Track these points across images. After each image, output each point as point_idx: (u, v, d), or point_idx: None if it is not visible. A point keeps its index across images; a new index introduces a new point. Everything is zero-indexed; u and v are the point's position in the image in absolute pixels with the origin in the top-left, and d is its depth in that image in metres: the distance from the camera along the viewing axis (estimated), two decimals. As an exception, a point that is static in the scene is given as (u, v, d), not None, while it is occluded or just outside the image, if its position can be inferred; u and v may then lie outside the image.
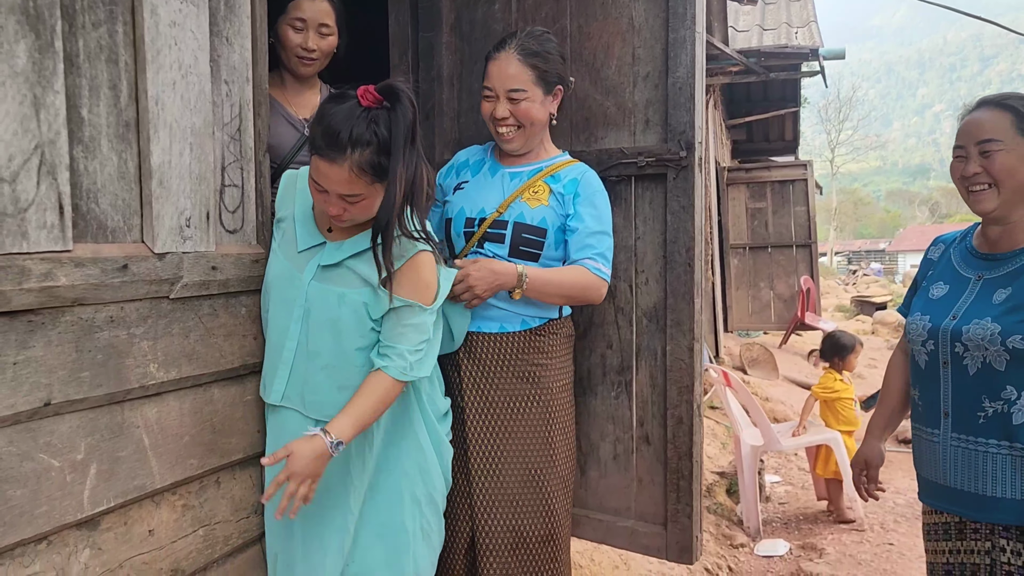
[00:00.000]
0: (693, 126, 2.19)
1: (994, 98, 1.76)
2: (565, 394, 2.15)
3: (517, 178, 2.12)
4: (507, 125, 2.05)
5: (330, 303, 1.70)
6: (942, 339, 1.78)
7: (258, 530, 1.84)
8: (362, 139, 1.53)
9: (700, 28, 2.19)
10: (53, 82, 1.28)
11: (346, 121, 1.53)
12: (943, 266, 1.92)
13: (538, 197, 2.06)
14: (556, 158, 2.15)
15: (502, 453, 2.06)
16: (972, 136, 1.74)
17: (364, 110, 1.55)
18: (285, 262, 1.75)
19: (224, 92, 1.68)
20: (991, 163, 1.70)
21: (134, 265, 1.44)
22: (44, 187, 1.27)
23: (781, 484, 5.26)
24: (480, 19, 2.57)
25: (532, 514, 2.05)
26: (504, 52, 2.02)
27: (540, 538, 2.06)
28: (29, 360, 1.27)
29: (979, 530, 1.75)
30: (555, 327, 2.13)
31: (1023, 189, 1.70)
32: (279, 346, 1.74)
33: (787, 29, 8.31)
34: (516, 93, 2.01)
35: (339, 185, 1.57)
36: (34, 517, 1.30)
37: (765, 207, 10.37)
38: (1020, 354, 1.64)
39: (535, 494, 2.06)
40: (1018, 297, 1.68)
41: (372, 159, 1.55)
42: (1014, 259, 1.74)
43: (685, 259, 2.22)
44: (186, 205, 1.56)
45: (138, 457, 1.50)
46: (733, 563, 3.91)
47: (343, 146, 1.53)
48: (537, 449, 2.06)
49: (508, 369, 2.07)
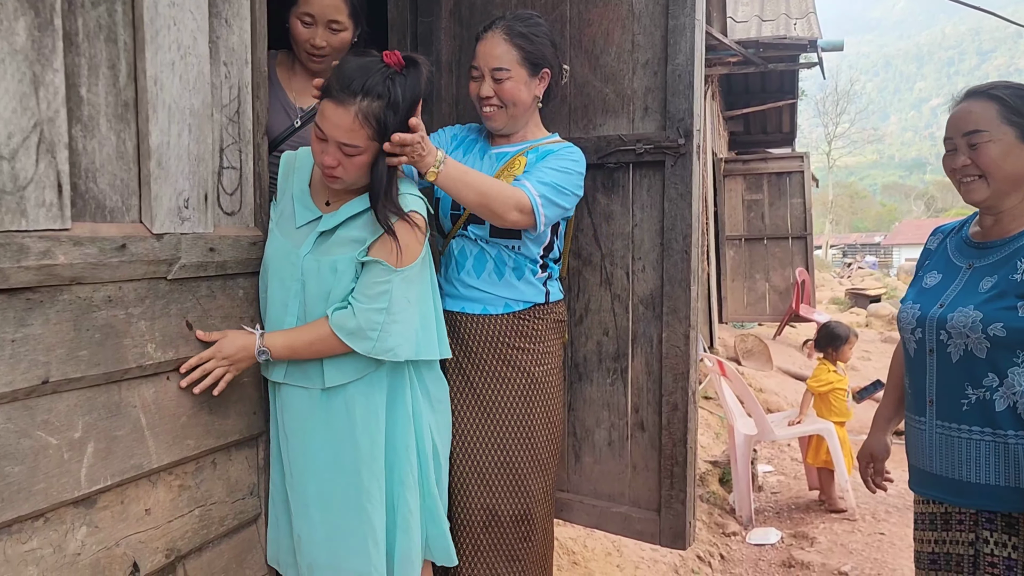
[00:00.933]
0: (692, 114, 2.19)
1: (981, 88, 1.76)
2: (549, 379, 2.15)
3: (503, 159, 2.13)
4: (491, 104, 2.05)
5: (324, 274, 1.72)
6: (929, 327, 1.79)
7: (253, 512, 1.85)
8: (374, 90, 1.60)
9: (700, 15, 2.19)
10: (52, 60, 1.28)
11: (363, 70, 1.61)
12: (939, 255, 1.93)
13: (513, 172, 2.07)
14: (543, 139, 2.15)
15: (478, 433, 2.09)
16: (959, 128, 1.74)
17: (384, 66, 1.63)
18: (283, 239, 1.77)
19: (223, 74, 1.68)
20: (978, 154, 1.70)
21: (132, 245, 1.44)
22: (43, 165, 1.27)
23: (774, 474, 5.29)
24: (479, 4, 2.57)
25: (505, 494, 2.09)
26: (491, 32, 2.03)
27: (513, 517, 2.10)
28: (27, 338, 1.28)
29: (963, 521, 1.77)
30: (540, 312, 2.13)
31: (1013, 178, 1.70)
32: (279, 322, 1.76)
33: (786, 20, 8.30)
34: (500, 72, 2.02)
35: (341, 131, 1.61)
36: (31, 494, 1.31)
37: (761, 199, 10.37)
38: (1000, 341, 1.65)
39: (509, 475, 2.09)
40: (1002, 285, 1.69)
41: (378, 112, 1.61)
42: (1002, 247, 1.75)
43: (682, 246, 2.23)
44: (184, 186, 1.56)
45: (135, 436, 1.50)
46: (725, 551, 3.94)
47: (355, 91, 1.59)
48: (513, 431, 2.09)
49: (490, 351, 2.09)
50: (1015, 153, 1.68)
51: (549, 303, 2.16)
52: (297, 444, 1.80)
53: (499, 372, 2.09)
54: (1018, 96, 1.69)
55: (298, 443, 1.80)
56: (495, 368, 2.09)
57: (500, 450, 2.09)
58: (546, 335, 2.15)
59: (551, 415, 2.15)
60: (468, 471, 2.09)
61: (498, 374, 2.09)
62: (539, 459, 2.12)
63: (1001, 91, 1.72)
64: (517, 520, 2.11)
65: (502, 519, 2.10)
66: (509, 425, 2.09)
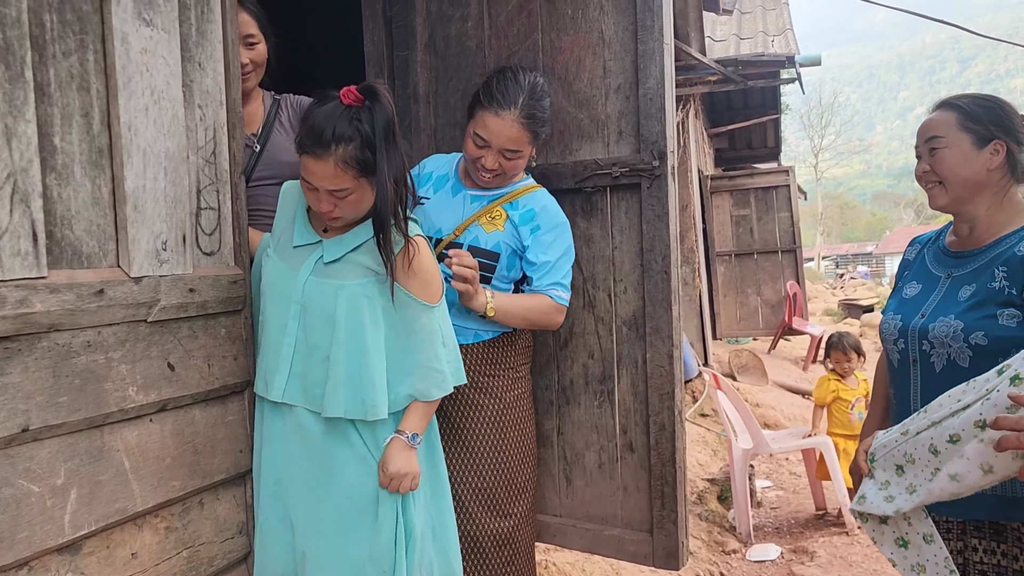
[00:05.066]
0: (665, 136, 2.22)
1: (947, 99, 1.82)
2: (520, 403, 2.20)
3: (477, 202, 2.17)
4: (493, 174, 2.11)
5: (327, 297, 1.74)
6: (911, 337, 1.80)
7: (242, 551, 1.85)
8: (344, 135, 1.64)
9: (668, 39, 2.23)
10: (24, 111, 1.30)
11: (329, 119, 1.65)
12: (918, 266, 1.94)
13: (494, 222, 2.12)
14: (518, 184, 2.19)
15: (454, 463, 2.13)
16: (922, 136, 1.80)
17: (346, 108, 1.66)
18: (280, 262, 1.80)
19: (198, 116, 1.70)
20: (936, 160, 1.75)
21: (110, 290, 1.45)
22: (17, 215, 1.29)
23: (772, 489, 5.27)
24: (454, 36, 2.60)
25: (485, 520, 2.12)
26: (508, 113, 2.04)
27: (495, 542, 2.13)
28: (6, 386, 1.28)
29: (951, 530, 1.77)
30: (510, 339, 2.20)
31: (970, 183, 1.73)
32: (278, 343, 1.77)
33: (763, 37, 8.39)
34: (512, 153, 2.07)
35: (326, 180, 1.66)
36: (15, 543, 1.30)
37: (749, 214, 10.43)
38: (982, 350, 1.65)
39: (487, 500, 2.13)
40: (981, 294, 1.69)
41: (356, 153, 1.65)
42: (980, 256, 1.76)
43: (662, 267, 2.25)
44: (162, 229, 1.58)
45: (119, 480, 1.50)
46: (725, 569, 3.92)
47: (327, 142, 1.63)
48: (488, 457, 2.13)
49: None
50: (970, 159, 1.72)
51: (517, 331, 2.21)
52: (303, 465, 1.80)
53: (471, 400, 2.13)
54: (977, 104, 1.73)
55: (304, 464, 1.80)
56: (468, 396, 2.13)
57: (476, 476, 2.12)
58: (515, 361, 2.21)
59: (524, 438, 2.19)
60: None
61: (470, 402, 2.13)
62: (515, 482, 2.16)
63: (962, 100, 1.76)
64: (499, 544, 2.13)
65: (484, 545, 2.12)
66: (483, 451, 2.12)
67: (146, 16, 1.53)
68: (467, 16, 2.56)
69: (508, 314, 2.08)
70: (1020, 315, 1.64)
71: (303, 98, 2.34)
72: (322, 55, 3.80)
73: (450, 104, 2.62)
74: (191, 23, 1.66)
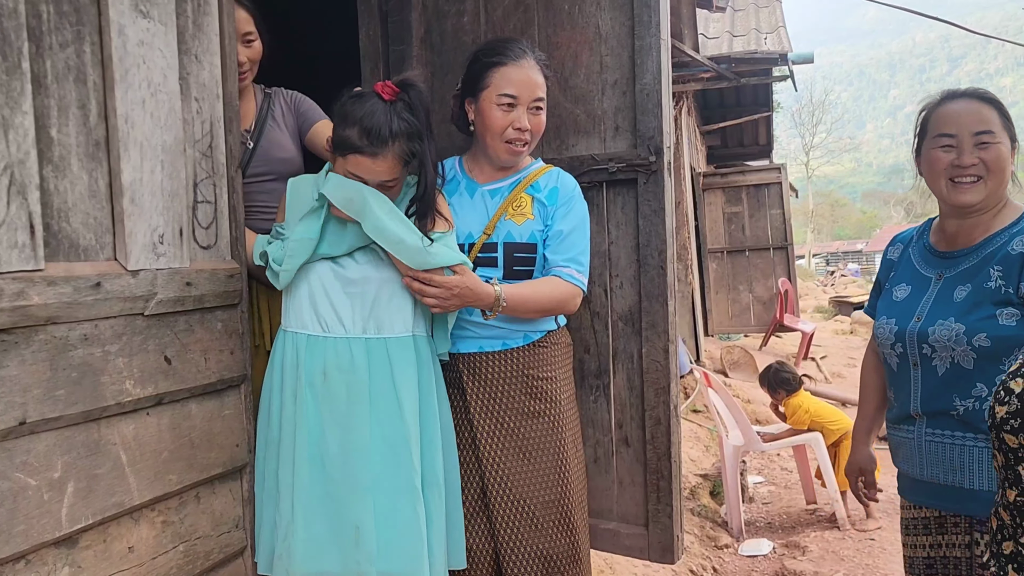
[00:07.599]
0: (661, 131, 2.22)
1: (973, 92, 1.77)
2: (572, 406, 2.11)
3: (498, 195, 2.07)
4: (523, 139, 2.00)
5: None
6: (909, 341, 1.78)
7: (239, 545, 1.84)
8: (400, 130, 1.77)
9: (665, 35, 2.23)
10: (21, 103, 1.29)
11: (383, 118, 1.76)
12: (904, 266, 1.92)
13: (522, 211, 2.02)
14: (531, 167, 2.11)
15: (520, 475, 2.00)
16: (967, 126, 1.72)
17: (391, 104, 1.78)
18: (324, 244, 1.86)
19: (195, 109, 1.70)
20: (989, 154, 1.71)
21: (107, 283, 1.44)
22: (14, 207, 1.28)
23: (764, 484, 5.30)
24: (450, 31, 2.60)
25: (557, 536, 2.00)
26: (526, 59, 1.98)
27: (568, 559, 2.01)
28: (3, 379, 1.28)
29: (959, 524, 1.75)
30: (555, 338, 2.09)
31: (1006, 183, 1.74)
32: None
33: (756, 35, 8.41)
34: (540, 102, 1.99)
35: (384, 174, 1.80)
36: (11, 536, 1.30)
37: (741, 211, 10.46)
38: (986, 352, 1.65)
39: (557, 515, 2.00)
40: (977, 294, 1.69)
41: (407, 145, 1.80)
42: (972, 255, 1.75)
43: (658, 262, 2.25)
44: (159, 222, 1.57)
45: (116, 474, 1.50)
46: (718, 564, 3.94)
47: (386, 140, 1.76)
48: (554, 468, 2.01)
49: (516, 386, 2.01)
50: (1007, 157, 1.73)
51: (560, 327, 2.13)
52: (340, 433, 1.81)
53: (529, 407, 2.01)
54: (1001, 103, 1.75)
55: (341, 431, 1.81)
56: (524, 403, 2.01)
57: (544, 489, 2.00)
58: (563, 360, 2.11)
59: (578, 443, 2.11)
60: (515, 515, 1.99)
61: (529, 410, 2.01)
62: (578, 492, 2.06)
63: (990, 95, 1.75)
64: (571, 561, 2.02)
65: (558, 563, 2.00)
66: (548, 461, 2.00)
67: (143, 8, 1.52)
68: (463, 11, 2.56)
69: (522, 303, 1.92)
70: (1019, 313, 1.64)
71: (295, 93, 2.33)
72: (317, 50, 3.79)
73: (446, 99, 2.60)
74: (188, 15, 1.66)
